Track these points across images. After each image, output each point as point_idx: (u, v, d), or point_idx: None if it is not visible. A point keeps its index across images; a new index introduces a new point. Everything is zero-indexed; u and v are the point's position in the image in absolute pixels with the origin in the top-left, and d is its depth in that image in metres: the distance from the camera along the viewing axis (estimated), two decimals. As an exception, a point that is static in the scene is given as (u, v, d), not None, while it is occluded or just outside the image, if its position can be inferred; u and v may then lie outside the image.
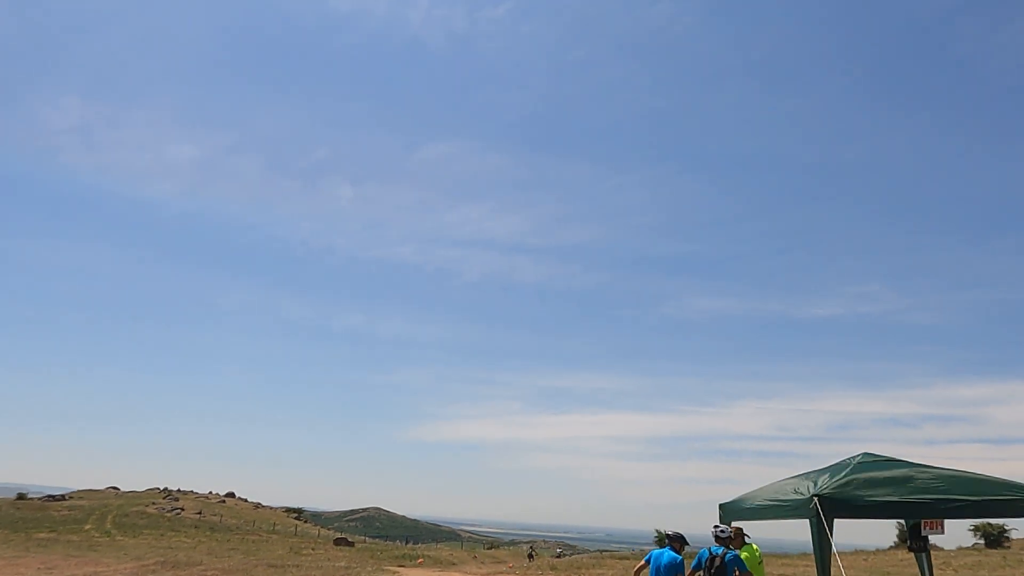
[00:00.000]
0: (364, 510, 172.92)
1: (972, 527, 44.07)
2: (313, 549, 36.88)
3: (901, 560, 29.86)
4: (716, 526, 9.72)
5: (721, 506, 11.17)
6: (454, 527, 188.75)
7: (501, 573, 27.01)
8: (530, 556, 45.83)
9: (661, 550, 9.04)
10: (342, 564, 27.14)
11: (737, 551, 9.75)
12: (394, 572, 24.79)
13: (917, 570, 11.26)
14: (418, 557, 33.87)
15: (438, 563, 35.14)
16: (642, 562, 9.02)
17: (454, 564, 36.63)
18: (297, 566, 25.17)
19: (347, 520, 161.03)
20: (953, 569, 26.82)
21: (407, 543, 59.37)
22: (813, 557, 8.35)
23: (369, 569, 25.65)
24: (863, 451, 9.70)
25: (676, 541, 9.09)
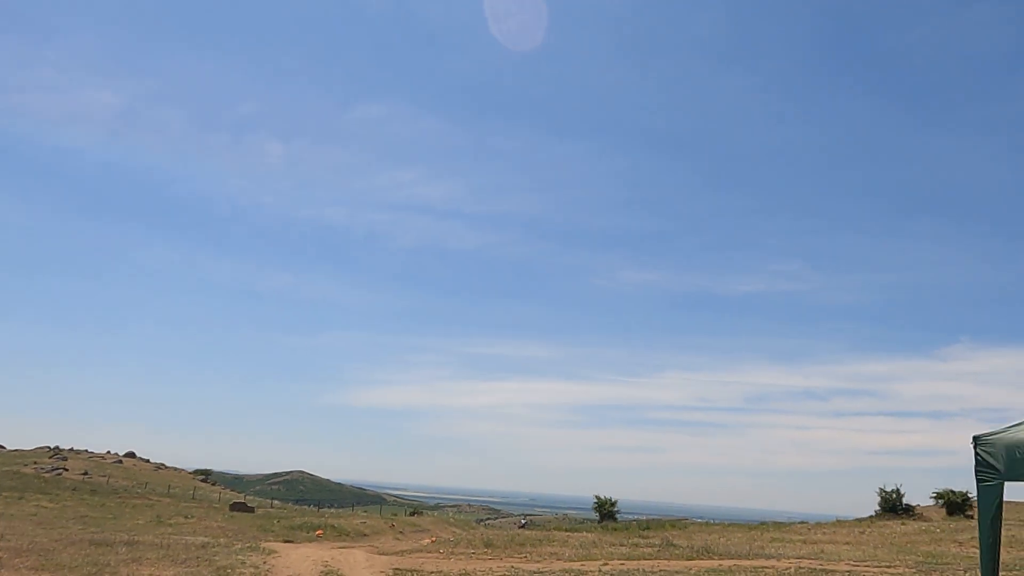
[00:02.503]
0: (288, 473, 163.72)
1: (935, 493, 39.79)
2: (186, 517, 29.22)
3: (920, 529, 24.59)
4: None
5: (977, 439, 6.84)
6: (380, 491, 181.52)
7: (414, 551, 20.15)
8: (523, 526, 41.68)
9: None
10: (204, 539, 19.77)
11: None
12: (270, 552, 17.63)
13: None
14: (318, 528, 26.75)
15: (344, 535, 28.04)
16: None
17: (364, 536, 29.60)
18: (137, 543, 17.78)
19: (269, 484, 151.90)
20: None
21: (320, 508, 51.92)
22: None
23: (238, 547, 18.40)
24: None
25: None
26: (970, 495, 41.14)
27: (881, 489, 35.45)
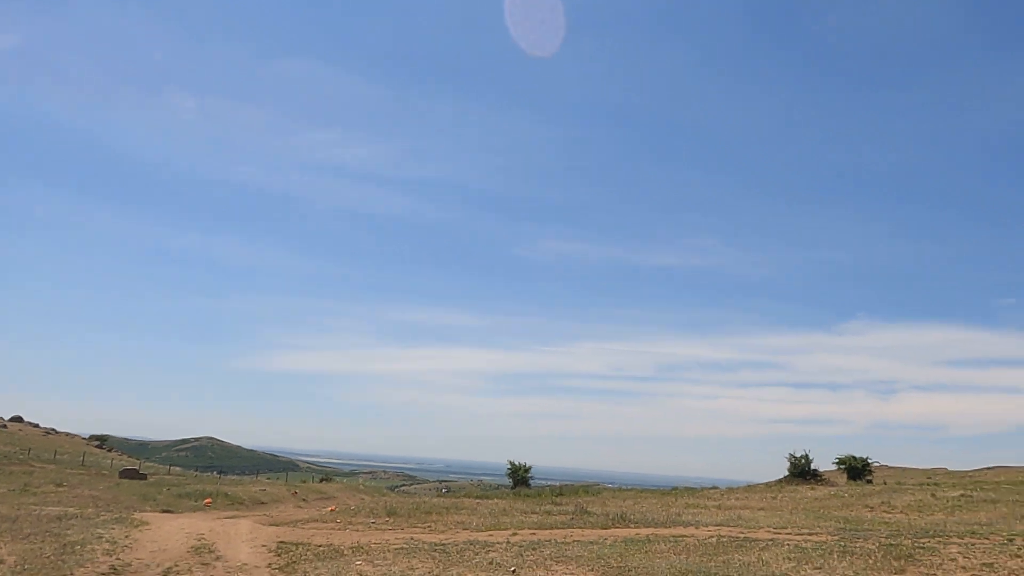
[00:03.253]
0: (196, 440, 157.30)
1: (838, 459, 40.43)
2: (59, 485, 26.23)
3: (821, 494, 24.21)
4: None
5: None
6: (295, 458, 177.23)
7: (310, 521, 18.25)
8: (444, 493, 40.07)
9: None
10: (66, 511, 17.30)
11: None
12: (139, 524, 15.40)
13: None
14: (208, 496, 24.43)
15: (238, 503, 25.80)
16: None
17: (261, 504, 27.42)
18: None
19: (176, 450, 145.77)
20: (902, 511, 21.20)
21: (222, 475, 49.05)
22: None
23: (103, 518, 16.08)
24: None
25: None
26: (871, 460, 42.18)
27: (791, 455, 35.61)
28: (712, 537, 13.80)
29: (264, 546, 13.73)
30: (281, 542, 14.10)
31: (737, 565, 11.15)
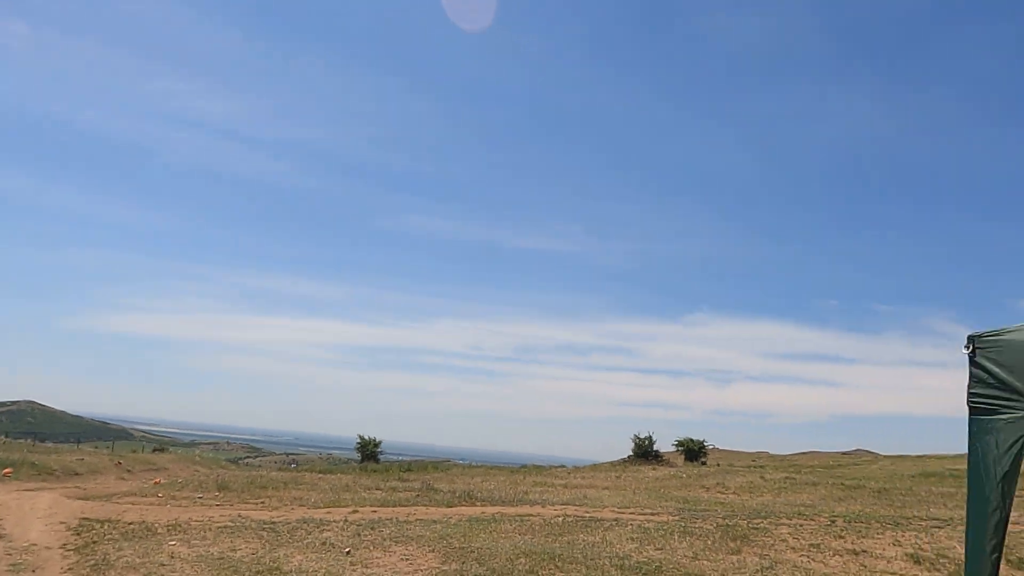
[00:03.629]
0: (14, 404, 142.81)
1: (676, 441, 42.26)
2: None
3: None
4: None
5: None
6: (129, 426, 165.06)
7: (127, 495, 16.44)
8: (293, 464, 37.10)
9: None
10: None
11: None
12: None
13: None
14: (7, 466, 21.61)
15: (46, 473, 23.08)
16: None
17: (76, 475, 24.71)
18: None
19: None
20: (735, 492, 22.01)
21: (38, 442, 44.35)
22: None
23: None
24: None
25: None
26: (707, 443, 44.47)
27: (636, 436, 36.78)
28: (558, 516, 13.55)
29: (63, 523, 12.04)
30: (84, 519, 12.43)
31: (582, 545, 10.86)
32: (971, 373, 3.62)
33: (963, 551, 10.99)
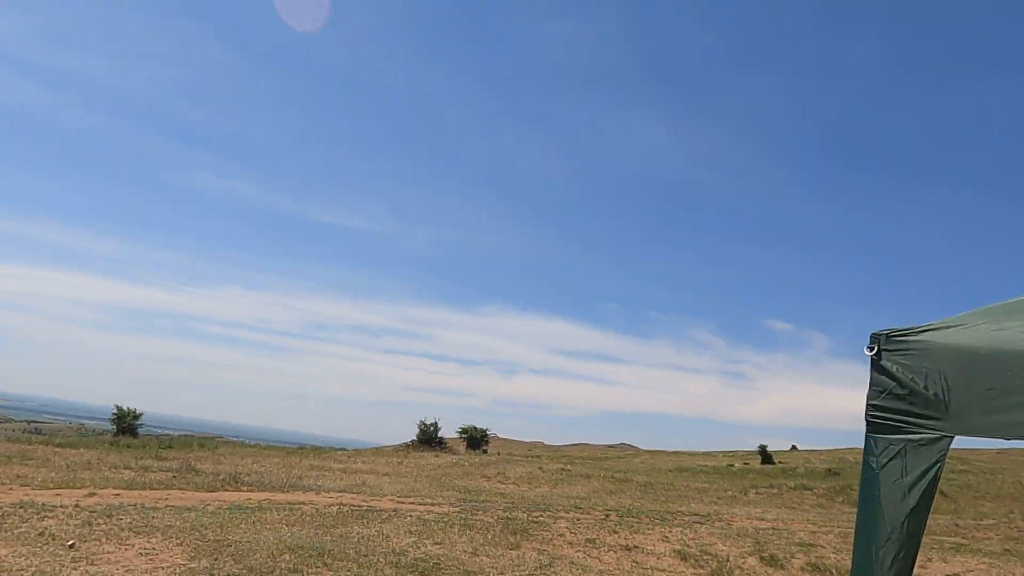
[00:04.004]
0: None
1: (460, 428, 42.37)
2: None
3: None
4: None
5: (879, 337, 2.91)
6: None
7: None
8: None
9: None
10: None
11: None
12: None
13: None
14: None
15: None
16: None
17: None
18: None
19: None
20: (514, 482, 21.98)
21: None
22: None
23: None
24: None
25: None
26: (489, 432, 45.19)
27: (422, 422, 36.26)
28: (333, 505, 12.52)
29: None
30: None
31: (355, 539, 9.97)
32: (873, 379, 2.81)
33: (725, 548, 11.58)
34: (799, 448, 58.49)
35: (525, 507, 14.38)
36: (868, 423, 2.70)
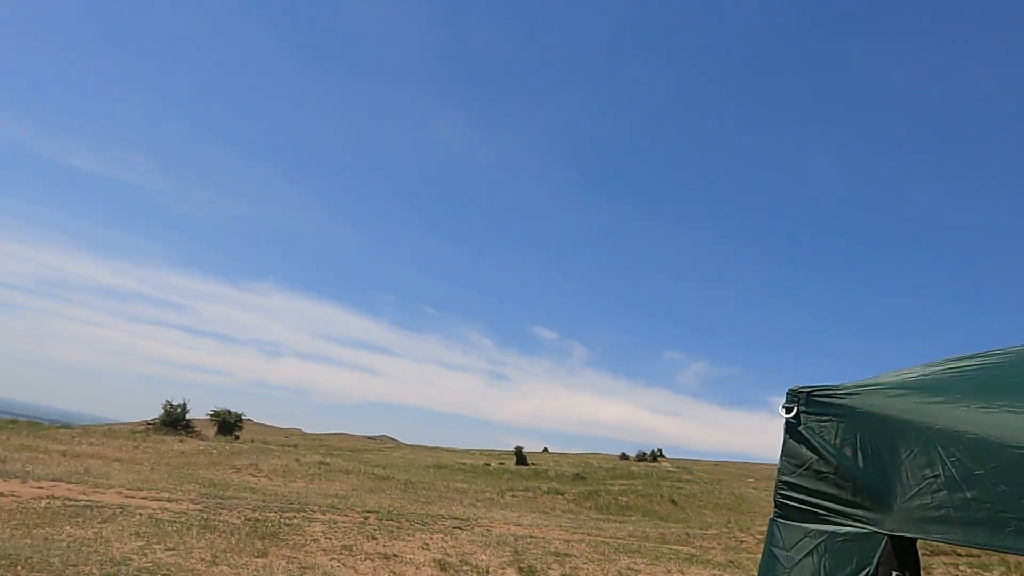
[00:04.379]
0: None
1: (212, 411, 39.04)
2: None
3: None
4: None
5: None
6: None
7: None
8: None
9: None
10: None
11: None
12: None
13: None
14: None
15: None
16: None
17: None
18: None
19: None
20: (268, 476, 20.19)
21: None
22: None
23: None
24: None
25: None
26: (244, 417, 42.12)
27: (168, 402, 32.82)
28: (42, 499, 10.53)
29: None
30: None
31: (64, 544, 8.35)
32: (787, 448, 2.04)
33: (485, 558, 11.40)
34: (550, 450, 61.94)
35: (277, 506, 13.22)
36: (777, 505, 1.99)
